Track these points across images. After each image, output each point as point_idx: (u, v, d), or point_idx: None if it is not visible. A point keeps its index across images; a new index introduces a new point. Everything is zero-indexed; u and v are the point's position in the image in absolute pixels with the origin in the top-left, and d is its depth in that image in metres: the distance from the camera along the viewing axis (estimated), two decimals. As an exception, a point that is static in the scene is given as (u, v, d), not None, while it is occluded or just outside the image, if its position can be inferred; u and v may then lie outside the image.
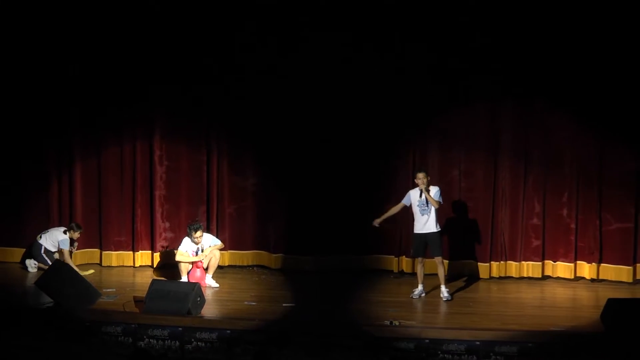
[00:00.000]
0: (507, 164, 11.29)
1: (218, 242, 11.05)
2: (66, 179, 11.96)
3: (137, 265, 11.95)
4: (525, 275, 11.34)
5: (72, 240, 11.45)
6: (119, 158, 11.88)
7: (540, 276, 11.30)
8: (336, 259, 11.69)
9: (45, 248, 11.38)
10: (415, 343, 8.63)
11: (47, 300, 9.74)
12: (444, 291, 10.27)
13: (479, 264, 11.39)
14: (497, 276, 11.34)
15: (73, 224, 11.48)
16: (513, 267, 11.38)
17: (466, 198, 11.43)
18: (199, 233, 10.76)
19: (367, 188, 11.52)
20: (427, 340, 8.66)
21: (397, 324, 9.10)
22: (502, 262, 11.37)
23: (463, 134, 11.37)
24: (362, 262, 11.67)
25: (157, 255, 11.91)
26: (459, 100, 11.29)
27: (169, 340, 9.03)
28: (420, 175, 10.08)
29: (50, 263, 11.00)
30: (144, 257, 11.98)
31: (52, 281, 9.79)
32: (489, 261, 11.35)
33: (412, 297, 10.33)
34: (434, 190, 10.16)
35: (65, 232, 11.39)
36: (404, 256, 11.53)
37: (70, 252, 11.41)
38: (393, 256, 11.63)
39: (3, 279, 11.22)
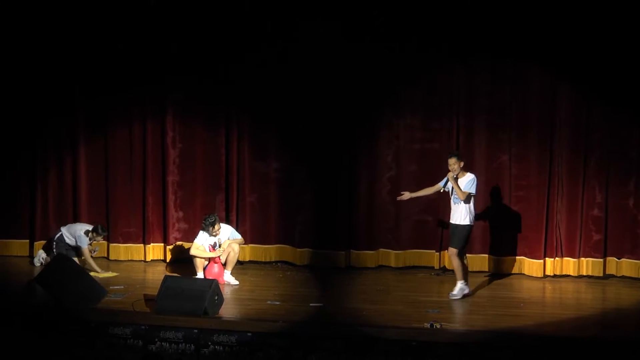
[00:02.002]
0: (565, 147, 11.21)
1: (238, 237, 11.08)
2: (69, 163, 12.09)
3: (147, 259, 12.07)
4: (584, 274, 11.33)
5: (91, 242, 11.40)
6: (127, 140, 11.96)
7: (601, 275, 11.27)
8: (368, 255, 11.76)
9: (61, 235, 11.39)
10: (459, 348, 8.62)
11: (48, 298, 9.78)
12: (456, 288, 10.15)
13: (531, 260, 11.37)
14: (552, 274, 11.33)
15: (98, 226, 11.36)
16: (570, 265, 11.36)
17: (517, 186, 11.39)
18: (215, 227, 10.77)
19: (403, 174, 11.56)
20: (472, 345, 8.67)
21: (438, 326, 9.09)
22: (557, 258, 11.35)
23: (514, 113, 11.29)
24: (398, 257, 11.73)
25: (170, 249, 11.97)
26: (509, 73, 11.24)
27: (184, 344, 9.05)
28: (450, 160, 9.99)
29: (55, 254, 11.06)
30: (155, 251, 12.09)
31: (52, 277, 9.82)
32: (543, 258, 11.32)
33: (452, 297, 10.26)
34: (468, 179, 10.02)
35: (87, 233, 11.31)
36: (445, 251, 11.42)
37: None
38: (434, 251, 11.67)
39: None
